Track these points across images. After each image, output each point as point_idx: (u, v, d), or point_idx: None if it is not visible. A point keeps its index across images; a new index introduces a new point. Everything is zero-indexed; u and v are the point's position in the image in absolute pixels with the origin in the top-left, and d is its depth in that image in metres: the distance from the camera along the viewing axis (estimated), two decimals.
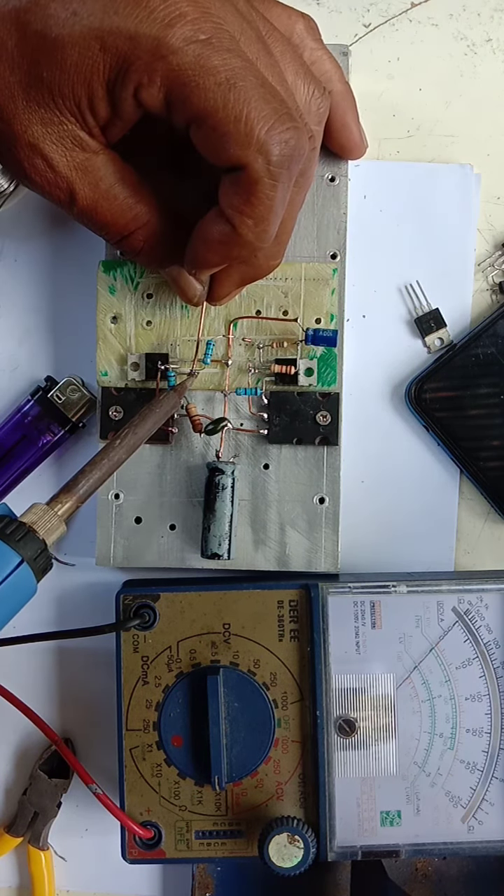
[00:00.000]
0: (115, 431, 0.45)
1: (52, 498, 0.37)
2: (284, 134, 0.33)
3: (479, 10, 0.48)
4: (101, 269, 0.45)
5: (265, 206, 0.34)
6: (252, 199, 0.34)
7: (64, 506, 0.36)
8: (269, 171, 0.34)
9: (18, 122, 0.34)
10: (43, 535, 0.35)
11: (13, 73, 0.34)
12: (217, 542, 0.43)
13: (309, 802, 0.43)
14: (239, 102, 0.33)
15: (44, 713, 0.45)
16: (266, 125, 0.33)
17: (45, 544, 0.35)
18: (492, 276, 0.48)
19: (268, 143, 0.33)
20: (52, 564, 0.36)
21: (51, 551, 0.36)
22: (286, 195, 0.35)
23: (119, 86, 0.33)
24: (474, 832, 0.43)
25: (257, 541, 0.45)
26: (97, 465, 0.38)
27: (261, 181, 0.34)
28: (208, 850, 0.43)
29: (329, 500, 0.45)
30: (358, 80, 0.47)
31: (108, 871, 0.49)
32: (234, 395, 0.45)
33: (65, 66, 0.33)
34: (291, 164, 0.34)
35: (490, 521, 0.48)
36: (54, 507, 0.36)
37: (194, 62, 0.33)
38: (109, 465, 0.38)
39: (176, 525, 0.46)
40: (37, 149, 0.35)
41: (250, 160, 0.33)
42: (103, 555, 0.46)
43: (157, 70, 0.33)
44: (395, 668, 0.43)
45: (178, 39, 0.32)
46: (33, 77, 0.34)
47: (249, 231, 0.35)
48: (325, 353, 0.45)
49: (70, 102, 0.34)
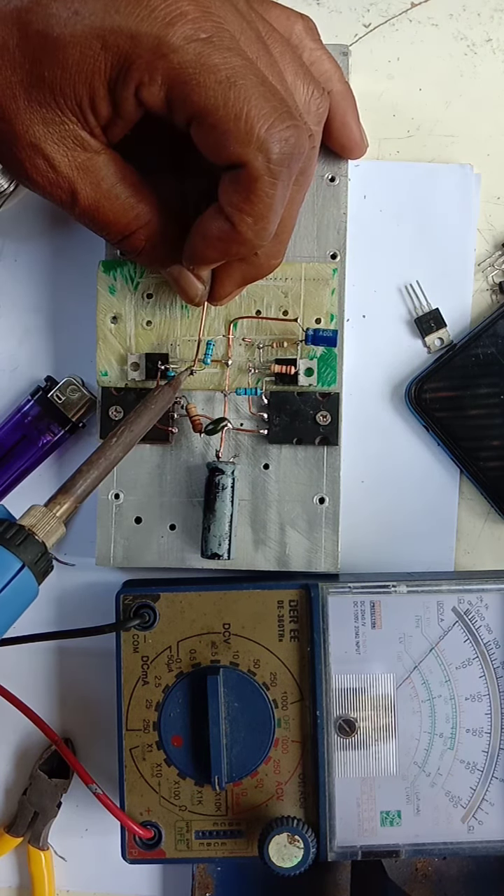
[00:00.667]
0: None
1: (50, 499, 0.36)
2: (284, 132, 0.33)
3: (479, 10, 0.48)
4: (101, 269, 0.45)
5: (265, 204, 0.34)
6: (251, 197, 0.34)
7: (62, 507, 0.36)
8: (269, 168, 0.34)
9: (20, 122, 0.34)
10: (42, 538, 0.35)
11: (15, 72, 0.34)
12: (217, 542, 0.43)
13: (309, 802, 0.43)
14: (239, 100, 0.33)
15: (44, 713, 0.45)
16: (266, 123, 0.33)
17: (45, 547, 0.35)
18: (492, 276, 0.48)
19: (268, 141, 0.33)
20: (52, 566, 0.36)
21: (51, 553, 0.36)
22: (286, 193, 0.35)
23: (120, 85, 0.33)
24: (474, 832, 0.43)
25: (257, 541, 0.45)
26: (94, 464, 0.38)
27: (260, 179, 0.34)
28: (208, 850, 0.43)
29: (329, 500, 0.45)
30: (358, 80, 0.47)
31: (108, 871, 0.49)
32: (234, 395, 0.45)
33: (66, 66, 0.33)
34: (291, 163, 0.34)
35: (490, 521, 0.48)
36: (53, 508, 0.36)
37: (195, 60, 0.33)
38: (107, 463, 0.38)
39: (176, 525, 0.46)
40: (38, 149, 0.35)
41: (250, 158, 0.33)
42: (103, 555, 0.46)
43: (158, 68, 0.33)
44: (395, 668, 0.43)
45: (179, 38, 0.32)
46: (35, 77, 0.34)
47: (248, 229, 0.35)
48: (325, 353, 0.45)
49: (72, 102, 0.34)
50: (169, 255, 0.39)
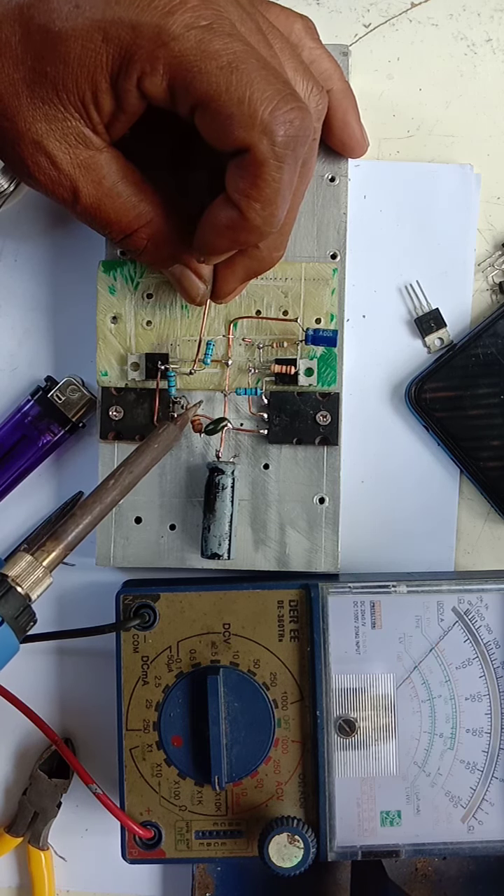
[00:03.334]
0: (114, 432, 0.45)
1: (39, 546, 0.35)
2: (289, 114, 0.33)
3: (479, 10, 0.48)
4: (102, 269, 0.45)
5: (272, 188, 0.34)
6: (259, 182, 0.34)
7: (50, 555, 0.35)
8: (275, 151, 0.33)
9: (22, 120, 0.34)
10: (26, 590, 0.34)
11: (17, 69, 0.34)
12: (217, 542, 0.43)
13: (309, 802, 0.43)
14: (241, 85, 0.33)
15: (44, 713, 0.45)
16: (270, 105, 0.33)
17: (28, 599, 0.34)
18: (492, 276, 0.48)
19: (272, 124, 0.33)
20: (35, 619, 0.35)
21: (34, 606, 0.34)
22: (293, 179, 0.35)
23: (122, 77, 0.33)
24: (474, 832, 0.43)
25: (257, 541, 0.45)
26: (88, 510, 0.36)
27: (266, 162, 0.33)
28: (208, 850, 0.43)
29: (329, 500, 0.45)
30: (358, 80, 0.47)
31: (108, 871, 0.49)
32: (234, 395, 0.45)
33: (68, 60, 0.33)
34: (297, 146, 0.34)
35: (490, 521, 0.48)
36: (40, 557, 0.35)
37: (196, 47, 0.33)
38: (102, 508, 0.37)
39: (176, 525, 0.46)
40: (40, 146, 0.35)
41: (255, 141, 0.33)
42: (103, 555, 0.46)
43: (160, 58, 0.33)
44: (395, 668, 0.43)
45: (179, 26, 0.32)
46: (37, 73, 0.34)
47: (257, 215, 0.35)
48: (325, 353, 0.45)
49: (74, 97, 0.34)
50: (171, 254, 0.39)
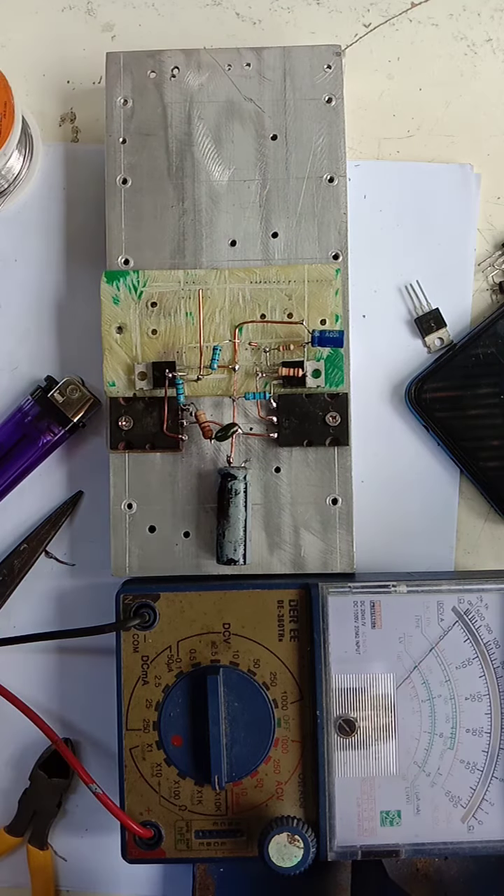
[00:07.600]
0: (124, 442, 0.45)
1: None
2: None
3: (479, 10, 0.48)
4: (104, 280, 0.45)
5: None
6: None
7: None
8: None
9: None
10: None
11: None
12: (233, 547, 0.43)
13: (309, 802, 0.43)
14: None
15: (44, 713, 0.45)
16: None
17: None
18: (492, 276, 0.48)
19: None
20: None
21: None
22: None
23: None
24: (474, 832, 0.43)
25: (272, 544, 0.45)
26: None
27: None
28: (208, 850, 0.43)
29: (342, 501, 0.45)
30: (358, 80, 0.47)
31: (108, 871, 0.49)
32: (242, 400, 0.45)
33: None
34: None
35: (490, 521, 0.48)
36: None
37: None
38: None
39: (190, 532, 0.46)
40: None
41: None
42: (119, 565, 0.45)
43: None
44: (395, 668, 0.43)
45: None
46: None
47: None
48: (332, 354, 0.44)
49: None
50: None
